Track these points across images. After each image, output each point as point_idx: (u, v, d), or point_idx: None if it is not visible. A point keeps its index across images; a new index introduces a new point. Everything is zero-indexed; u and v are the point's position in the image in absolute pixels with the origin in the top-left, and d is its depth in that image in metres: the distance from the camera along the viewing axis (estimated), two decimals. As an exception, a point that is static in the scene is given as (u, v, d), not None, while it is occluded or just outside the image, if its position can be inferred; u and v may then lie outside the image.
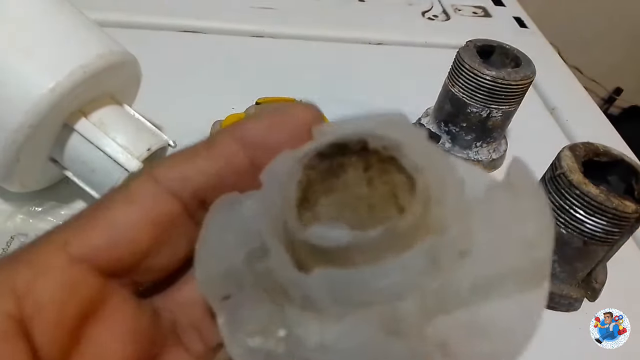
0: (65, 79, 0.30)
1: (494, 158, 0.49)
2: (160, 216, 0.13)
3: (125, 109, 0.35)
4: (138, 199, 0.13)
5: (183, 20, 0.60)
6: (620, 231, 0.34)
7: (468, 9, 0.75)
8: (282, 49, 0.60)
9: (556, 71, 0.66)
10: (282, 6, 0.66)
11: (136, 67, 0.37)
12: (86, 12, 0.35)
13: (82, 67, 0.30)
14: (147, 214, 0.13)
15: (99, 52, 0.32)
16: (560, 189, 0.35)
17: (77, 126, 0.32)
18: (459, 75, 0.45)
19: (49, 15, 0.32)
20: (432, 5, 0.74)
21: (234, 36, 0.60)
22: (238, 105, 0.46)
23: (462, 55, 0.45)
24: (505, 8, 0.78)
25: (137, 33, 0.57)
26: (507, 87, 0.43)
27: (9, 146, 0.30)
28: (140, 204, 0.13)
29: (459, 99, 0.45)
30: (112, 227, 0.13)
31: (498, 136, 0.48)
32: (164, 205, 0.13)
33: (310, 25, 0.64)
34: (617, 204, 0.33)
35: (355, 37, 0.65)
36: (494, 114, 0.45)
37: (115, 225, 0.13)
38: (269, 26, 0.62)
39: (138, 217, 0.13)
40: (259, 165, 0.14)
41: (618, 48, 1.48)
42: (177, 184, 0.14)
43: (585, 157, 0.36)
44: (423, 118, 0.51)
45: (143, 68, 0.37)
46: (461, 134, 0.47)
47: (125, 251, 0.13)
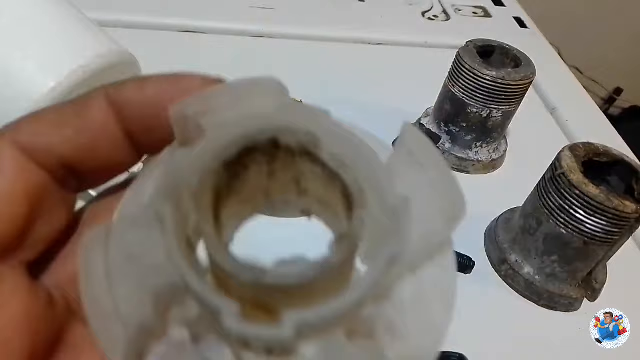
0: (65, 79, 0.30)
1: (494, 158, 0.49)
2: (31, 186, 0.12)
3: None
4: (5, 169, 0.12)
5: (183, 20, 0.60)
6: (620, 231, 0.34)
7: (468, 9, 0.75)
8: (281, 49, 0.60)
9: (556, 71, 0.66)
10: (282, 6, 0.66)
11: (136, 67, 0.36)
12: (86, 12, 0.35)
13: (82, 67, 0.30)
14: (16, 185, 0.12)
15: (99, 52, 0.32)
16: (560, 189, 0.35)
17: (77, 126, 0.32)
18: (459, 76, 0.45)
19: (48, 15, 0.32)
20: (432, 6, 0.74)
21: (234, 36, 0.60)
22: (238, 105, 0.46)
23: (462, 55, 0.45)
24: (505, 8, 0.78)
25: (137, 33, 0.57)
26: (507, 87, 0.43)
27: (9, 146, 0.30)
28: (8, 176, 0.12)
29: (459, 99, 0.45)
30: None
31: (498, 136, 0.48)
32: (32, 175, 0.13)
33: (310, 25, 0.64)
34: (617, 204, 0.33)
35: (355, 37, 0.65)
36: (494, 114, 0.45)
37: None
38: (268, 26, 0.62)
39: (9, 189, 0.12)
40: (135, 138, 0.13)
41: (618, 48, 1.48)
42: (43, 154, 0.13)
43: (585, 157, 0.36)
44: (423, 118, 0.51)
45: (143, 68, 0.37)
46: (461, 134, 0.47)
47: (3, 226, 0.12)
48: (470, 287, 0.39)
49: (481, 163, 0.48)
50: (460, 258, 0.39)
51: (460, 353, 0.33)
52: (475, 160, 0.48)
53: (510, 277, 0.39)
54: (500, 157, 0.50)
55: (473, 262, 0.39)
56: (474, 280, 0.39)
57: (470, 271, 0.39)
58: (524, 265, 0.38)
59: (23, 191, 0.12)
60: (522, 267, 0.38)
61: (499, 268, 0.40)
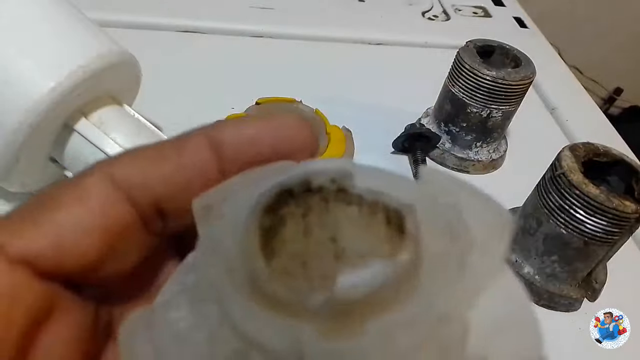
0: (65, 79, 0.30)
1: (494, 158, 0.49)
2: (114, 223, 0.12)
3: (125, 109, 0.35)
4: (91, 200, 0.12)
5: (183, 20, 0.60)
6: (620, 231, 0.34)
7: (468, 9, 0.75)
8: (281, 49, 0.60)
9: (556, 71, 0.66)
10: (282, 6, 0.66)
11: (136, 67, 0.37)
12: (86, 12, 0.35)
13: (82, 67, 0.30)
14: (99, 219, 0.12)
15: (99, 52, 0.32)
16: (560, 189, 0.35)
17: (77, 126, 0.32)
18: (459, 75, 0.45)
19: (48, 15, 0.32)
20: (432, 5, 0.74)
21: (234, 36, 0.60)
22: (238, 105, 0.46)
23: (462, 55, 0.45)
24: (505, 8, 0.78)
25: (137, 33, 0.57)
26: (507, 87, 0.43)
27: (9, 146, 0.30)
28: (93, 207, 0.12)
29: (459, 99, 0.45)
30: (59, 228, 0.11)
31: (498, 136, 0.48)
32: (119, 212, 0.12)
33: (310, 25, 0.64)
34: (617, 204, 0.33)
35: (355, 37, 0.65)
36: (494, 114, 0.45)
37: (63, 227, 0.11)
38: (268, 26, 0.62)
39: (90, 220, 0.12)
40: (228, 175, 0.12)
41: (618, 48, 1.48)
42: (137, 191, 0.12)
43: (585, 157, 0.36)
44: (423, 118, 0.51)
45: (143, 68, 0.37)
46: (461, 134, 0.47)
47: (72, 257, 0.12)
48: (470, 287, 0.39)
49: (481, 163, 0.48)
50: None
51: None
52: (475, 160, 0.48)
53: (510, 277, 0.39)
54: (500, 157, 0.50)
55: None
56: (474, 280, 0.39)
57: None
58: (524, 265, 0.38)
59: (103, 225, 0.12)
60: (522, 267, 0.38)
61: (499, 268, 0.40)
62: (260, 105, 0.45)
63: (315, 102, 0.45)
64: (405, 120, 0.49)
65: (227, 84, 0.53)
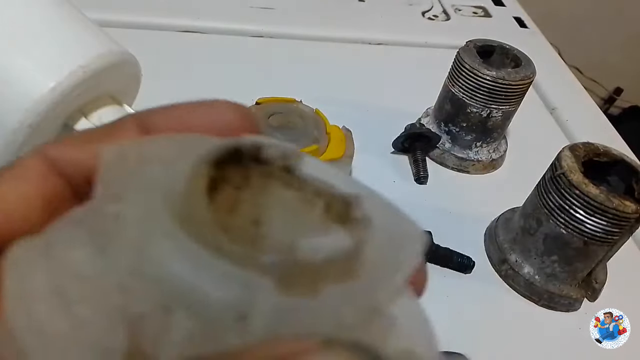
0: (65, 79, 0.30)
1: (494, 158, 0.49)
2: (49, 192, 0.13)
3: (125, 109, 0.35)
4: (27, 175, 0.13)
5: (183, 20, 0.60)
6: (620, 231, 0.34)
7: (468, 9, 0.75)
8: (281, 49, 0.60)
9: (556, 71, 0.66)
10: (282, 6, 0.66)
11: (136, 67, 0.37)
12: (86, 12, 0.35)
13: (82, 67, 0.30)
14: (37, 190, 0.13)
15: (99, 52, 0.32)
16: (560, 189, 0.35)
17: (77, 126, 0.32)
18: (459, 75, 0.45)
19: (49, 15, 0.32)
20: (432, 5, 0.74)
21: (234, 36, 0.60)
22: (238, 105, 0.46)
23: (462, 55, 0.45)
24: (505, 8, 0.78)
25: (137, 33, 0.57)
26: (507, 87, 0.43)
27: (9, 146, 0.30)
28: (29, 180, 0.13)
29: (459, 99, 0.45)
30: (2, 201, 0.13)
31: (498, 136, 0.48)
32: (54, 183, 0.13)
33: (310, 25, 0.64)
34: (617, 204, 0.33)
35: (355, 37, 0.65)
36: (494, 114, 0.45)
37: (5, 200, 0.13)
38: (268, 26, 0.62)
39: (27, 192, 0.13)
40: None
41: (618, 48, 1.48)
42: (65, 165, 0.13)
43: (585, 157, 0.36)
44: (423, 118, 0.51)
45: (143, 68, 0.37)
46: (461, 134, 0.47)
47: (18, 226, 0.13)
48: (470, 287, 0.39)
49: (481, 163, 0.48)
50: (460, 258, 0.39)
51: (460, 353, 0.33)
52: (475, 160, 0.48)
53: (510, 277, 0.39)
54: (500, 157, 0.50)
55: (473, 262, 0.39)
56: (474, 280, 0.39)
57: (470, 271, 0.39)
58: (524, 265, 0.38)
59: (40, 195, 0.13)
60: (522, 267, 0.38)
61: (499, 268, 0.40)
62: (261, 105, 0.45)
63: (315, 102, 0.45)
64: (405, 120, 0.49)
65: (227, 84, 0.53)
